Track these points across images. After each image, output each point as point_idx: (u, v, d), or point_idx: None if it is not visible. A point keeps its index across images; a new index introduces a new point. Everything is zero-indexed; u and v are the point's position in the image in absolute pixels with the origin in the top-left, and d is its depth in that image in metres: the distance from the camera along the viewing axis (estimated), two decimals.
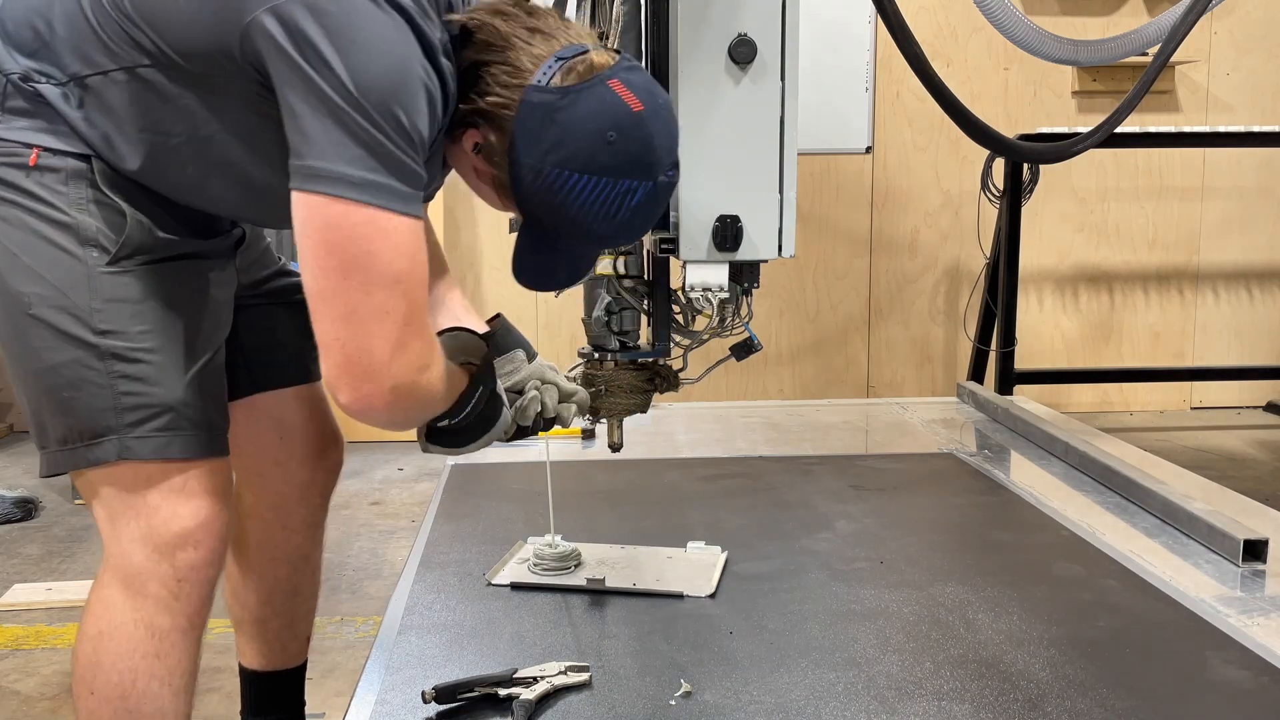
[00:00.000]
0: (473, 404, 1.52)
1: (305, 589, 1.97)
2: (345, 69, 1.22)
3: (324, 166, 1.24)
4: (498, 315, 1.73)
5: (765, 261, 1.79)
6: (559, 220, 1.40)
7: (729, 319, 1.86)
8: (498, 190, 1.44)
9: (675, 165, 1.41)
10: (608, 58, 1.38)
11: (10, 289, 1.40)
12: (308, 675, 2.04)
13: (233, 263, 1.62)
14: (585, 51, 1.36)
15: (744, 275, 1.80)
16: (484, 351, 1.60)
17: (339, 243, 1.25)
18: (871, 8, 3.76)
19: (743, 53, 1.70)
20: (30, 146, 1.39)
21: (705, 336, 1.88)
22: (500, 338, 1.68)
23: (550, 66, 1.34)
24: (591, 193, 1.34)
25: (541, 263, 1.49)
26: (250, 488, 1.85)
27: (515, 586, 1.93)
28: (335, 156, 1.23)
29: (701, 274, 1.78)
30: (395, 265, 1.27)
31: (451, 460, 2.85)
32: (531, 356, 1.71)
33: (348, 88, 1.22)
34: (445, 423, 1.53)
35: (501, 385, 1.62)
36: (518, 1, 1.41)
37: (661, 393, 2.03)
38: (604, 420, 2.03)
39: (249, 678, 1.98)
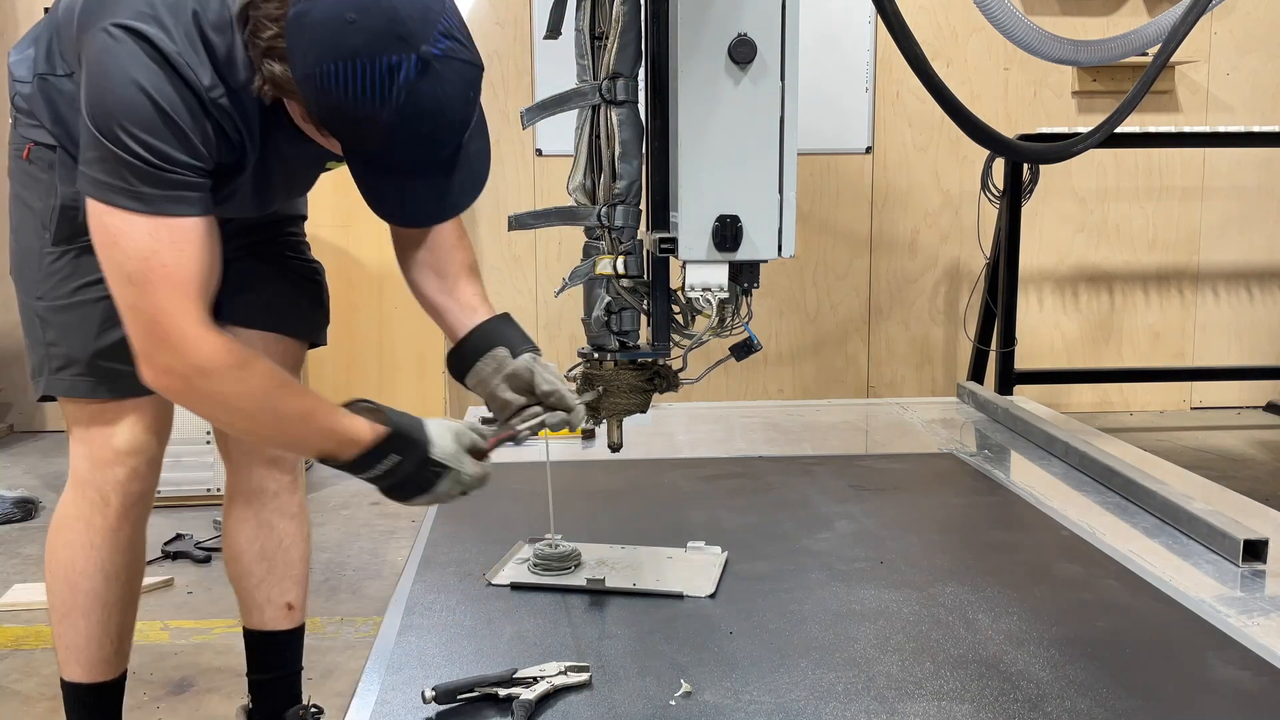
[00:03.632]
0: (382, 468, 1.59)
1: (275, 555, 2.07)
2: (85, 95, 1.47)
3: (82, 169, 1.48)
4: (503, 314, 1.78)
5: (765, 261, 1.78)
6: (350, 125, 1.41)
7: (729, 319, 1.86)
8: (315, 125, 1.49)
9: (448, 35, 1.37)
10: None
11: (23, 243, 1.81)
12: (308, 675, 2.05)
13: None
14: None
15: (744, 275, 1.79)
16: (387, 422, 1.60)
17: (95, 234, 1.48)
18: (871, 8, 3.77)
19: (743, 53, 1.70)
20: (26, 141, 1.76)
21: (705, 337, 1.88)
22: (480, 336, 1.74)
23: None
24: (353, 79, 1.34)
25: (393, 194, 1.50)
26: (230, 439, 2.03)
27: (515, 586, 1.93)
28: (84, 161, 1.48)
29: (701, 274, 1.78)
30: (126, 266, 1.45)
31: None
32: (519, 352, 1.74)
33: (89, 109, 1.46)
34: (363, 476, 1.60)
35: (437, 452, 1.63)
36: None
37: (661, 393, 2.03)
38: (604, 420, 2.03)
39: (245, 636, 2.14)
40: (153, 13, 1.46)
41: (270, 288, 1.98)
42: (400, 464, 1.59)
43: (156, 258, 1.44)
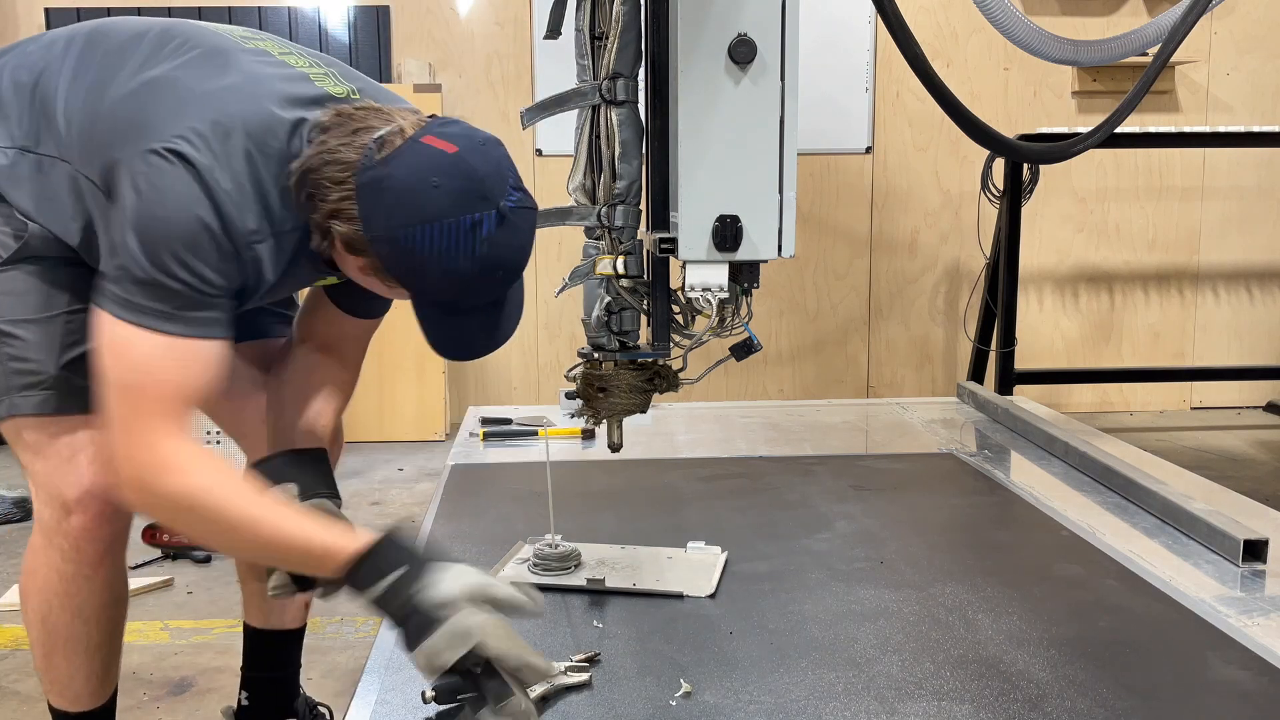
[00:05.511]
0: (383, 585, 1.40)
1: None
2: (134, 218, 1.44)
3: (110, 286, 1.45)
4: (320, 450, 1.75)
5: (765, 261, 1.79)
6: (430, 279, 1.46)
7: (729, 319, 1.86)
8: (379, 277, 1.51)
9: (517, 188, 1.46)
10: (419, 120, 1.49)
11: None
12: (308, 675, 2.05)
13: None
14: (398, 126, 1.47)
15: (744, 275, 1.80)
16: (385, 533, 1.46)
17: (103, 341, 1.46)
18: (871, 8, 3.76)
19: (743, 53, 1.70)
20: None
21: (705, 337, 1.88)
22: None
23: (369, 149, 1.45)
24: (440, 239, 1.41)
25: (451, 332, 1.54)
26: (236, 431, 1.94)
27: (515, 586, 1.93)
28: (114, 278, 1.45)
29: (701, 274, 1.78)
30: (125, 377, 1.43)
31: (452, 461, 2.85)
32: (309, 496, 1.65)
33: (139, 233, 1.43)
34: (365, 597, 1.40)
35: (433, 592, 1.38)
36: (340, 110, 1.53)
37: (661, 393, 2.03)
38: (604, 420, 2.03)
39: (245, 633, 2.10)
40: (205, 141, 1.45)
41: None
42: (402, 578, 1.39)
43: (161, 372, 1.43)
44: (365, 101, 1.58)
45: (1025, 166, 4.65)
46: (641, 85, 1.89)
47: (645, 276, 1.93)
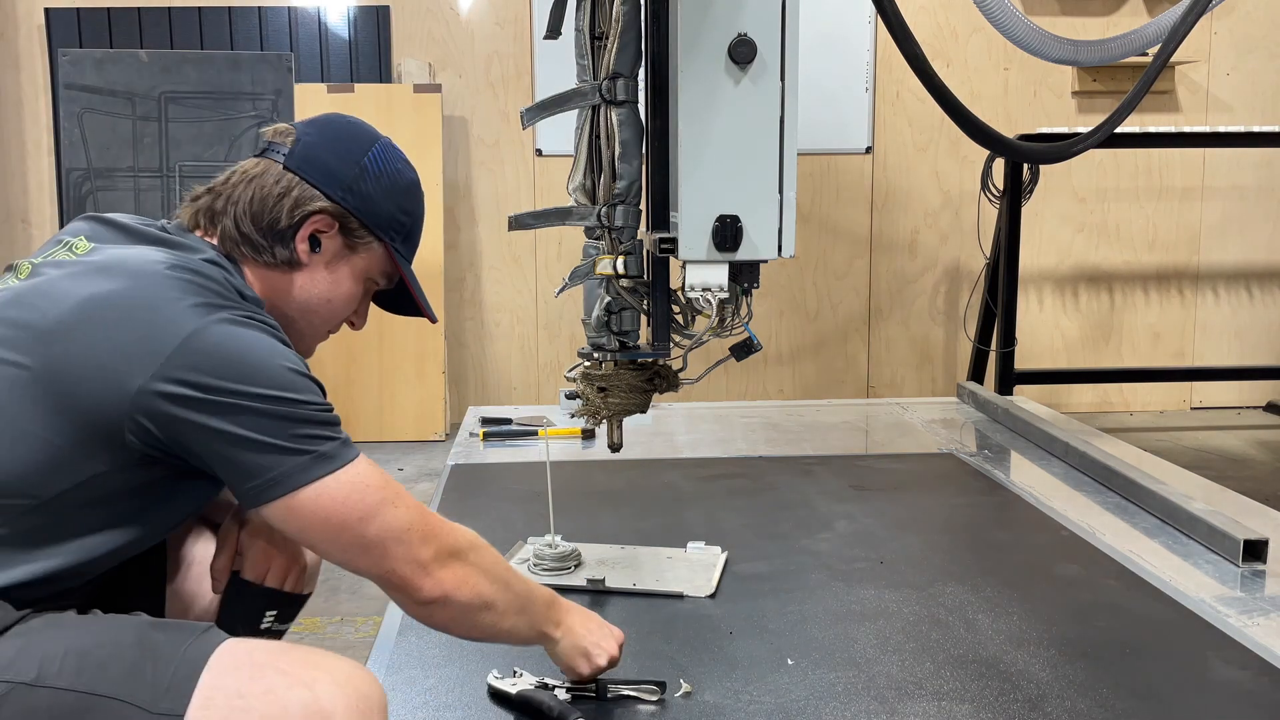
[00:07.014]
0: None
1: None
2: (248, 384, 1.27)
3: (276, 472, 1.27)
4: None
5: (765, 261, 1.79)
6: (404, 199, 1.54)
7: (729, 319, 1.86)
8: (365, 254, 1.53)
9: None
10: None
11: None
12: None
13: None
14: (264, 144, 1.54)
15: (744, 275, 1.79)
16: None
17: (329, 524, 1.30)
18: (871, 8, 3.76)
19: (743, 53, 1.70)
20: None
21: (705, 337, 1.88)
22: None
23: (270, 150, 1.50)
24: (383, 157, 1.52)
25: (419, 291, 1.60)
26: None
27: None
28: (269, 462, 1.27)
29: (701, 274, 1.78)
30: (378, 496, 1.32)
31: (452, 461, 2.85)
32: None
33: (262, 393, 1.27)
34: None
35: None
36: (184, 210, 1.51)
37: (661, 393, 2.03)
38: (604, 420, 2.03)
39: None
40: (223, 301, 1.33)
41: None
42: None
43: (383, 480, 1.34)
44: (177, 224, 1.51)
45: (1025, 166, 4.65)
46: (641, 85, 1.89)
47: (645, 276, 1.93)
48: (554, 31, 1.99)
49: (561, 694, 1.52)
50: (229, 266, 1.43)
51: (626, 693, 1.53)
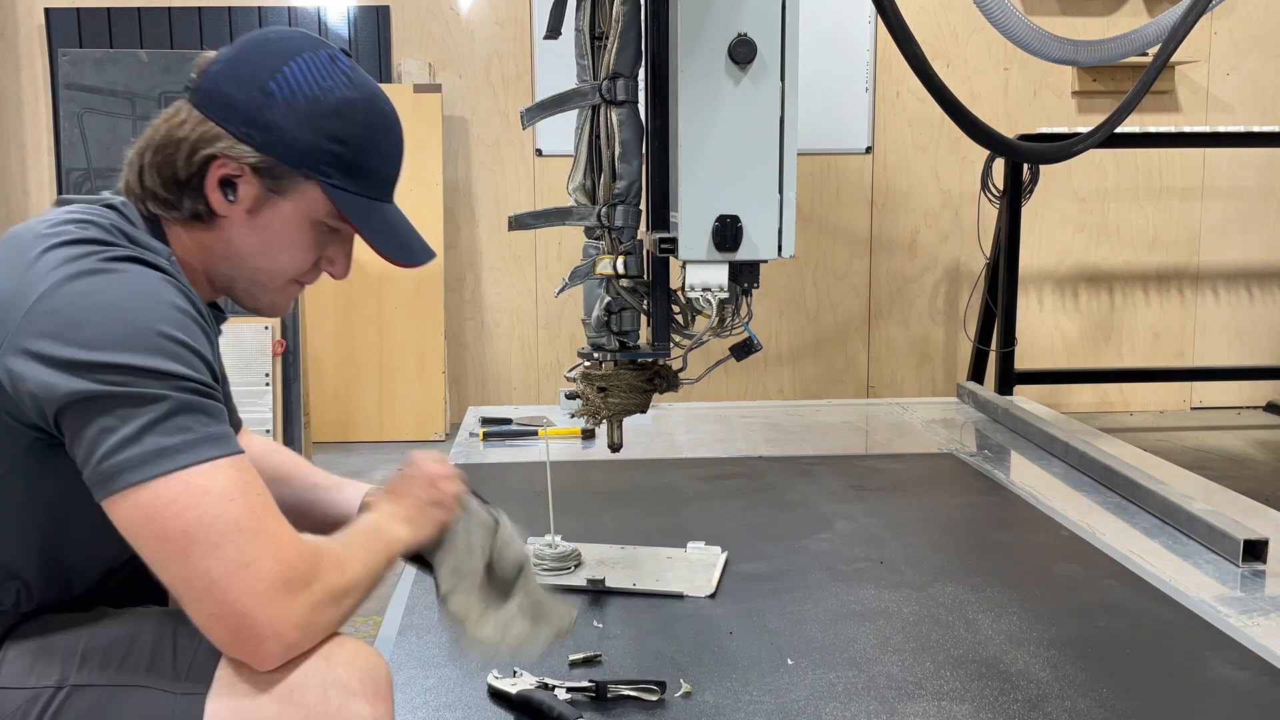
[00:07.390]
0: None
1: None
2: (92, 350, 1.10)
3: (108, 464, 1.09)
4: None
5: (765, 261, 1.79)
6: (335, 124, 1.27)
7: (729, 319, 1.86)
8: (320, 211, 1.30)
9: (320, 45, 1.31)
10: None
11: None
12: None
13: None
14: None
15: (744, 275, 1.79)
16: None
17: (158, 528, 1.10)
18: (871, 8, 3.76)
19: (743, 53, 1.70)
20: None
21: (705, 337, 1.88)
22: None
23: (188, 81, 1.30)
24: (309, 72, 1.26)
25: (388, 226, 1.35)
26: None
27: None
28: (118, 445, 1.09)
29: (701, 274, 1.78)
30: (238, 520, 1.11)
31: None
32: None
33: (104, 361, 1.09)
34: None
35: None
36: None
37: (661, 393, 2.03)
38: (604, 420, 2.03)
39: None
40: (98, 248, 1.17)
41: None
42: None
43: (251, 490, 1.15)
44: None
45: (1025, 166, 4.64)
46: (641, 85, 1.89)
47: (645, 276, 1.93)
48: (554, 31, 1.99)
49: (561, 694, 1.52)
50: (128, 211, 1.27)
51: (626, 693, 1.53)
